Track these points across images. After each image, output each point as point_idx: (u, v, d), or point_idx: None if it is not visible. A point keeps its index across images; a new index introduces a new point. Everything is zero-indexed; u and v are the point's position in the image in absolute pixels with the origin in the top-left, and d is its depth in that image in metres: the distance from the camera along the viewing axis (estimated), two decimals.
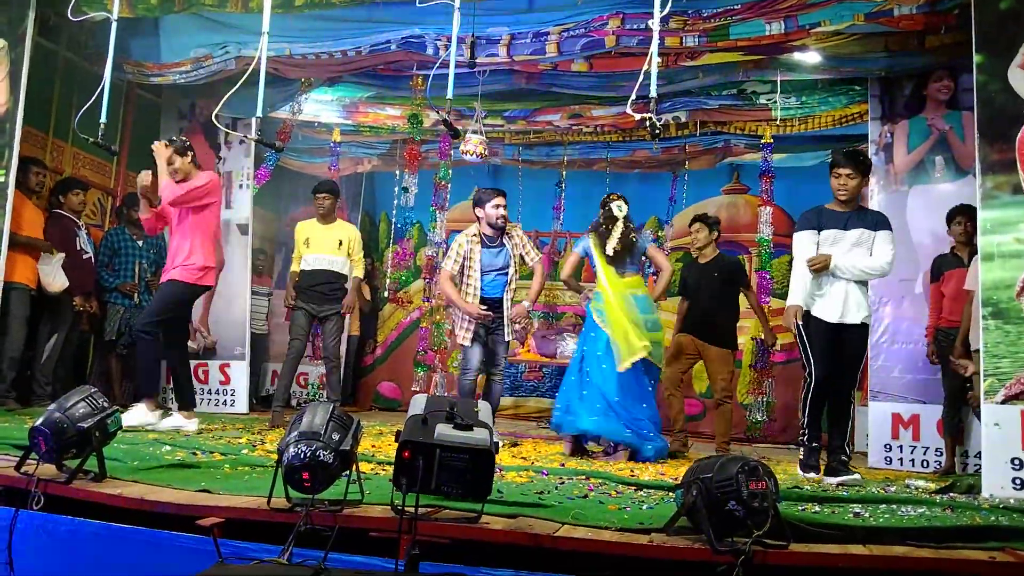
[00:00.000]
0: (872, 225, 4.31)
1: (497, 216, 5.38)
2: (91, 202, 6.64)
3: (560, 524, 2.61)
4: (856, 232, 4.29)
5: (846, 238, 4.30)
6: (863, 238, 4.29)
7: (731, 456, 2.50)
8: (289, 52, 5.86)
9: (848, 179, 4.30)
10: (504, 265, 5.50)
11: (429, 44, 5.55)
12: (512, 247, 5.54)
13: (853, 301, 4.27)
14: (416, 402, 2.64)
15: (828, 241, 4.33)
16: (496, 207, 5.38)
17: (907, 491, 3.84)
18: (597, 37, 5.30)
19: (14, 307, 5.56)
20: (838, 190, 4.34)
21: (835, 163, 4.37)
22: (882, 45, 5.45)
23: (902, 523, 2.77)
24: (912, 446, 5.33)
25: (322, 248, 5.96)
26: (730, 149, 7.74)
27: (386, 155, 8.57)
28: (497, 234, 5.47)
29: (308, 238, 6.01)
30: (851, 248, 4.28)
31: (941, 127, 5.58)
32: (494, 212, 5.37)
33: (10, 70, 5.54)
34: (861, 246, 4.29)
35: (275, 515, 2.61)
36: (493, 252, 5.50)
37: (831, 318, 4.27)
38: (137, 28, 6.04)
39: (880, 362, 5.53)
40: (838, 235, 4.31)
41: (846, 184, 4.30)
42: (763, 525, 2.30)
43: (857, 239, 4.29)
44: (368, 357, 9.20)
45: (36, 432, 2.90)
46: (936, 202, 5.51)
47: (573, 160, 8.21)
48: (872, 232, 4.29)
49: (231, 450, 4.06)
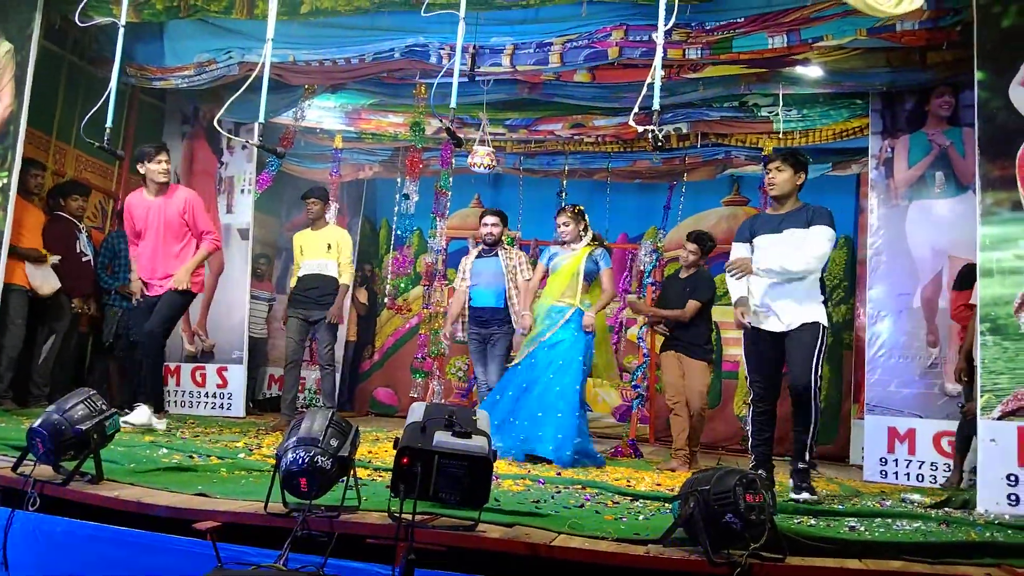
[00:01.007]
0: (805, 223, 3.96)
1: (486, 233, 5.76)
2: (92, 204, 6.65)
3: (557, 533, 2.61)
4: (788, 233, 3.97)
5: (779, 242, 3.98)
6: (797, 238, 3.95)
7: (729, 468, 2.50)
8: (293, 59, 5.89)
9: (777, 172, 4.03)
10: (495, 272, 5.64)
11: (433, 53, 5.57)
12: (506, 258, 5.70)
13: (791, 308, 3.93)
14: (415, 409, 2.65)
15: (761, 248, 4.05)
16: (485, 225, 5.78)
17: (903, 505, 3.84)
18: (600, 48, 5.32)
19: (12, 308, 5.56)
20: (768, 185, 4.11)
21: (767, 158, 4.18)
22: (884, 60, 5.48)
23: (897, 538, 2.78)
24: (908, 460, 5.32)
25: (312, 254, 6.02)
26: (731, 161, 7.76)
27: (387, 162, 8.60)
28: (491, 247, 5.76)
29: (302, 246, 6.08)
30: (786, 251, 3.94)
31: (942, 143, 5.60)
32: (483, 230, 5.79)
33: (15, 73, 5.56)
34: (796, 248, 3.93)
35: (272, 520, 2.62)
36: (485, 260, 5.74)
37: (774, 327, 3.99)
38: (142, 33, 6.06)
39: (877, 376, 5.53)
40: (771, 240, 4.02)
41: (774, 178, 4.04)
42: (760, 538, 2.30)
43: (790, 241, 3.95)
44: (365, 363, 9.20)
45: (34, 433, 2.90)
46: (936, 217, 5.53)
47: (574, 169, 8.23)
48: (805, 230, 3.94)
49: (228, 454, 4.06)
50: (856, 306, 7.49)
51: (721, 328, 8.13)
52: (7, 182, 5.47)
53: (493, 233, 5.74)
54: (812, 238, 3.92)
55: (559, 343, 5.25)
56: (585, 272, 5.37)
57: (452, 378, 8.79)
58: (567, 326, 5.28)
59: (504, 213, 5.94)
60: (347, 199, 8.90)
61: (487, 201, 9.23)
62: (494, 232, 5.75)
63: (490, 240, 5.73)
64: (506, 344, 5.62)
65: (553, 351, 5.24)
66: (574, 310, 5.31)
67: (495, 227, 5.77)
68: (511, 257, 5.77)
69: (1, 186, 5.48)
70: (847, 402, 7.52)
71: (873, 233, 5.72)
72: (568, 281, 5.36)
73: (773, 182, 4.05)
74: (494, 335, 5.62)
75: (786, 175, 4.02)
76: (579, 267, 5.36)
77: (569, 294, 5.33)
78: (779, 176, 4.03)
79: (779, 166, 4.04)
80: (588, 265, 5.38)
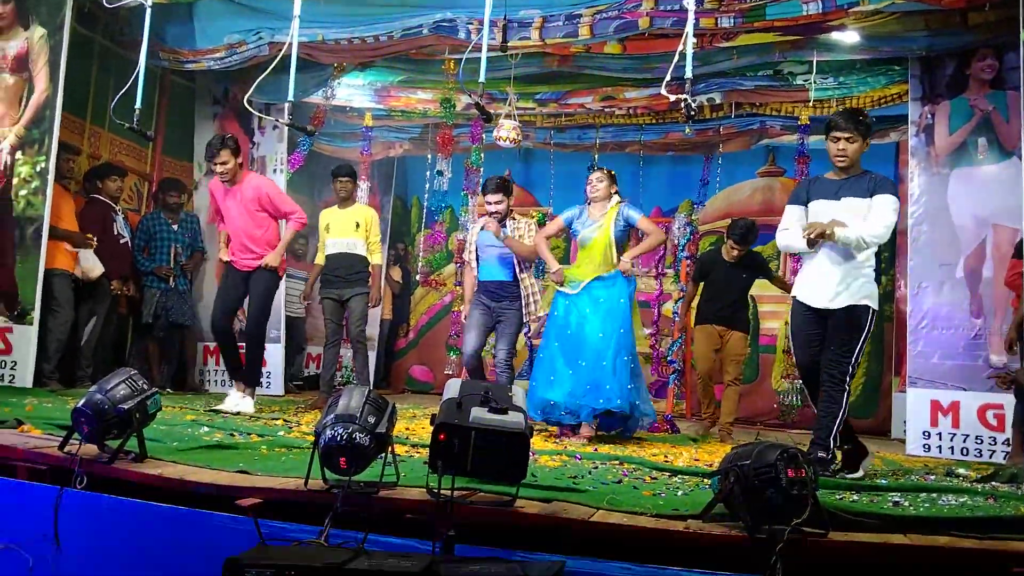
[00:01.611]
0: (867, 192, 3.71)
1: (492, 213, 5.29)
2: (128, 187, 6.74)
3: (595, 509, 2.60)
4: (847, 202, 3.72)
5: (837, 210, 3.73)
6: (855, 207, 3.70)
7: (769, 443, 2.46)
8: (321, 37, 5.88)
9: (848, 143, 3.73)
10: (502, 245, 5.27)
11: (461, 28, 5.52)
12: (513, 228, 5.30)
13: (842, 282, 3.70)
14: (451, 386, 2.64)
15: (816, 213, 3.79)
16: (488, 204, 5.31)
17: (947, 480, 3.77)
18: (631, 19, 5.23)
19: (58, 292, 5.68)
20: (836, 156, 3.78)
21: (832, 125, 3.78)
22: (922, 23, 5.32)
23: (943, 512, 2.73)
24: (952, 433, 5.23)
25: (340, 232, 6.01)
26: (765, 131, 7.64)
27: (417, 139, 8.59)
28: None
29: (328, 224, 6.07)
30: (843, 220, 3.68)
31: (984, 107, 5.44)
32: (488, 208, 5.32)
33: (49, 58, 5.63)
34: (857, 217, 3.68)
35: (312, 496, 2.64)
36: (490, 233, 5.31)
37: (816, 303, 3.78)
38: (171, 15, 6.09)
39: (919, 348, 5.44)
40: (828, 206, 3.76)
41: (845, 149, 3.73)
42: (802, 513, 2.27)
43: (849, 209, 3.71)
44: (400, 340, 9.26)
45: (78, 413, 2.95)
46: (978, 185, 5.39)
47: (605, 143, 8.15)
48: (866, 200, 3.70)
49: (268, 431, 4.12)
50: (896, 277, 7.36)
51: (759, 302, 8.05)
52: (45, 166, 5.56)
53: (499, 211, 5.28)
54: (879, 208, 3.66)
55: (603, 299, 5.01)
56: (616, 238, 5.06)
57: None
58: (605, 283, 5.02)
59: (508, 183, 5.46)
60: (378, 177, 8.92)
61: (518, 177, 9.18)
62: (499, 210, 5.28)
63: (498, 218, 5.29)
64: (516, 322, 5.31)
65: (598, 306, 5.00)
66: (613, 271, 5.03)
67: (499, 204, 5.28)
68: (518, 227, 5.34)
69: (39, 171, 5.58)
70: (888, 375, 7.42)
71: (914, 202, 5.59)
72: (602, 254, 5.06)
73: (844, 153, 3.74)
74: (505, 312, 5.31)
75: (857, 145, 3.74)
76: (610, 236, 5.05)
77: (608, 267, 5.05)
78: (850, 147, 3.74)
79: (850, 137, 3.72)
80: (617, 230, 5.07)
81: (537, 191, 9.12)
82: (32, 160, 5.60)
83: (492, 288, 5.33)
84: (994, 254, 5.26)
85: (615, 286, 5.01)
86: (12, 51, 5.72)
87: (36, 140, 5.61)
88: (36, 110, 5.64)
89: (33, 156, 5.60)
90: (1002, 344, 4.94)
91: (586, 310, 5.02)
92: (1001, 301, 5.20)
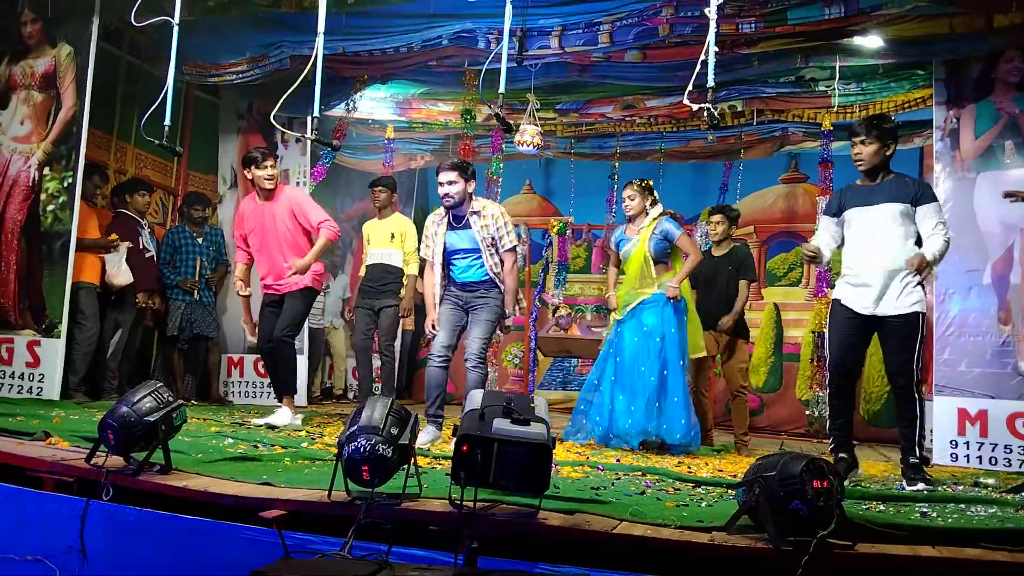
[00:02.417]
0: (908, 197, 3.76)
1: (442, 195, 4.69)
2: (154, 201, 6.83)
3: (619, 521, 2.58)
4: (883, 208, 3.78)
5: (871, 215, 3.80)
6: (893, 212, 3.76)
7: (795, 454, 2.44)
8: (343, 50, 5.93)
9: (862, 146, 3.81)
10: (471, 248, 4.72)
11: (480, 38, 5.55)
12: (480, 226, 4.69)
13: (891, 288, 3.76)
14: (473, 397, 2.65)
15: (850, 223, 3.87)
16: (440, 185, 4.70)
17: (976, 490, 3.71)
18: (650, 26, 5.24)
19: (84, 304, 5.76)
20: (855, 161, 3.88)
21: (850, 131, 3.93)
22: (947, 27, 5.26)
23: (972, 524, 2.68)
24: (980, 443, 5.15)
25: (377, 243, 6.02)
26: (788, 138, 7.59)
27: (439, 150, 8.62)
28: (459, 214, 4.74)
29: (369, 235, 6.10)
30: (883, 226, 3.77)
31: (1011, 111, 5.37)
32: (440, 191, 4.71)
33: (76, 75, 5.73)
34: (895, 222, 3.76)
35: (335, 508, 2.65)
36: (459, 234, 4.76)
37: (861, 308, 3.83)
38: (194, 30, 6.16)
39: (946, 355, 5.36)
40: (862, 214, 3.83)
41: (859, 152, 3.82)
42: (828, 524, 2.24)
43: (886, 215, 3.77)
44: (423, 351, 9.28)
45: (105, 426, 2.98)
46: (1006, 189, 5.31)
47: (626, 151, 8.14)
48: (908, 206, 3.75)
49: (291, 443, 4.13)
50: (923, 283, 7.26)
51: (782, 310, 8.00)
52: (72, 182, 5.65)
53: (450, 194, 4.62)
54: (931, 220, 3.73)
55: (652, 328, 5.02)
56: (654, 253, 5.08)
57: (508, 365, 8.83)
58: (653, 309, 5.05)
59: (465, 164, 4.76)
60: (400, 189, 8.94)
61: (538, 187, 9.20)
62: (451, 192, 4.62)
63: (448, 203, 4.67)
64: (494, 310, 4.70)
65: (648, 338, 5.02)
66: (654, 294, 5.07)
67: (450, 185, 4.62)
68: (486, 224, 4.68)
69: (67, 186, 5.67)
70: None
71: None
72: (639, 270, 5.12)
73: (860, 157, 3.83)
74: (479, 300, 4.74)
75: (872, 148, 3.80)
76: (646, 252, 5.10)
77: (647, 283, 5.09)
78: (865, 150, 3.81)
79: (864, 140, 3.80)
80: (655, 244, 5.08)
81: (557, 200, 9.12)
82: (59, 176, 5.69)
83: (468, 286, 4.78)
84: (1022, 259, 5.18)
85: (663, 312, 5.03)
86: (40, 69, 5.83)
87: (63, 156, 5.70)
88: (63, 126, 5.74)
89: (60, 172, 5.69)
90: None
91: (634, 338, 5.06)
92: None
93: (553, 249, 8.94)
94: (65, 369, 5.61)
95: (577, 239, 8.98)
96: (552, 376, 8.82)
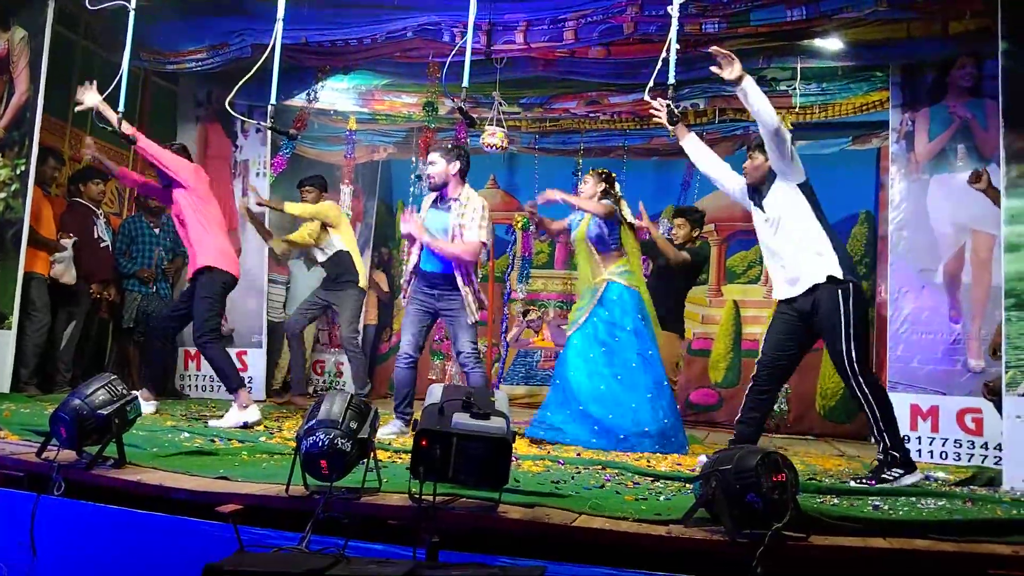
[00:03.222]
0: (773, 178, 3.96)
1: (426, 176, 4.78)
2: (110, 190, 6.68)
3: (578, 514, 2.60)
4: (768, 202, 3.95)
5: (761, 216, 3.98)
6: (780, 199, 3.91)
7: (750, 448, 2.48)
8: (305, 40, 5.85)
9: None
10: (443, 230, 4.67)
11: (445, 31, 5.51)
12: (458, 212, 4.64)
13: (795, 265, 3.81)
14: (433, 391, 2.64)
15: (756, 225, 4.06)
16: (427, 166, 4.77)
17: (926, 483, 3.80)
18: (615, 23, 5.25)
19: (35, 295, 5.62)
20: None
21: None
22: (904, 31, 5.38)
23: (922, 516, 2.75)
24: (931, 438, 5.27)
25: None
26: (749, 137, 7.65)
27: (402, 143, 8.55)
28: (444, 194, 4.74)
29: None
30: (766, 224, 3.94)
31: (963, 115, 5.50)
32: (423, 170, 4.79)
33: (30, 59, 5.58)
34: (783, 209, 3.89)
35: (293, 502, 2.63)
36: (437, 214, 4.71)
37: (780, 294, 3.93)
38: (154, 15, 6.04)
39: (899, 352, 5.48)
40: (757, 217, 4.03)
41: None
42: (782, 517, 2.28)
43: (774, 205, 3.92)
44: (383, 345, 9.22)
45: (56, 419, 2.92)
46: (957, 191, 5.43)
47: (590, 148, 8.15)
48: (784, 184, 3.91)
49: (248, 437, 4.09)
50: (877, 282, 7.41)
51: (741, 307, 8.09)
52: (25, 169, 5.50)
53: (431, 175, 4.65)
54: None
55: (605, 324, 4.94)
56: (593, 237, 5.00)
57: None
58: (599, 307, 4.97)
59: (449, 147, 4.81)
60: (362, 181, 8.88)
61: (502, 181, 9.18)
62: (431, 173, 4.64)
63: (430, 183, 4.68)
64: (467, 309, 4.67)
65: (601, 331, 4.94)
66: (605, 285, 4.99)
67: (431, 166, 4.63)
68: (463, 212, 4.63)
69: (19, 174, 5.52)
70: None
71: (894, 208, 5.64)
72: (583, 253, 5.09)
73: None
74: (447, 305, 4.69)
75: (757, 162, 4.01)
76: (585, 234, 5.04)
77: (594, 270, 5.04)
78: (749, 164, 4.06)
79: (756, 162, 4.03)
80: (592, 226, 5.01)
81: (521, 195, 9.12)
82: (12, 163, 5.55)
83: (432, 280, 4.73)
84: (973, 259, 5.31)
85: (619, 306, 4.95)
86: None
87: (16, 142, 5.55)
88: (16, 112, 5.59)
89: (12, 159, 5.55)
90: (980, 349, 5.00)
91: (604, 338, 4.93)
92: (979, 306, 5.26)
93: (517, 244, 8.94)
94: (16, 362, 5.46)
95: (541, 235, 9.00)
96: (515, 371, 8.83)
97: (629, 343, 4.91)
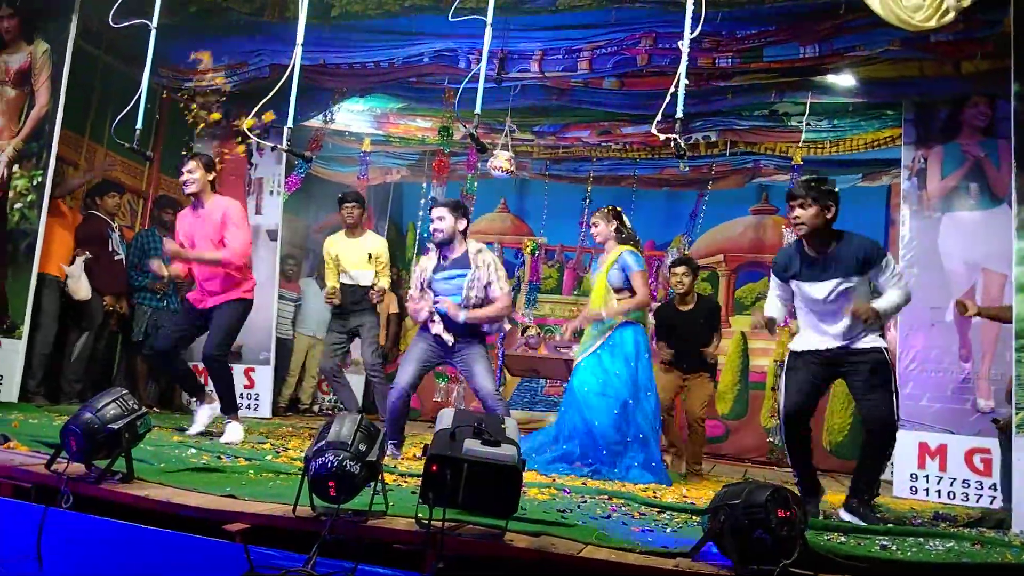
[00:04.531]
0: (856, 270, 3.59)
1: (433, 230, 4.68)
2: (123, 204, 6.74)
3: (584, 544, 2.59)
4: (836, 283, 3.61)
5: (822, 289, 3.63)
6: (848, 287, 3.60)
7: (760, 483, 2.47)
8: (323, 62, 5.93)
9: (800, 209, 3.58)
10: (456, 288, 4.60)
11: (461, 58, 5.58)
12: (473, 276, 4.59)
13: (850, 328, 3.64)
14: (444, 416, 2.65)
15: (800, 294, 3.74)
16: (431, 220, 4.69)
17: (934, 524, 3.77)
18: (629, 55, 5.31)
19: (46, 303, 5.66)
20: (794, 225, 3.66)
21: (788, 195, 3.66)
22: (917, 70, 5.43)
23: (930, 558, 2.73)
24: (939, 476, 5.24)
25: (352, 263, 5.86)
26: (759, 170, 7.71)
27: (415, 166, 8.63)
28: (447, 253, 4.70)
29: (337, 254, 5.91)
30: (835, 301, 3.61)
31: (976, 154, 5.52)
32: (431, 227, 4.70)
33: (51, 73, 5.66)
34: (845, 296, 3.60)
35: (300, 523, 2.62)
36: (445, 276, 4.66)
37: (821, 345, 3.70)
38: (174, 34, 6.13)
39: (908, 390, 5.45)
40: (812, 288, 3.66)
41: (799, 216, 3.59)
42: (790, 554, 2.27)
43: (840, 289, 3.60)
44: (389, 366, 9.22)
45: (67, 432, 2.93)
46: (969, 230, 5.45)
47: (600, 176, 8.21)
48: (859, 277, 3.61)
49: (255, 455, 4.09)
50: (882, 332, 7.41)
51: (749, 339, 8.09)
52: (42, 181, 5.56)
53: (440, 229, 4.61)
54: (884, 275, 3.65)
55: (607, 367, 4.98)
56: (614, 284, 5.03)
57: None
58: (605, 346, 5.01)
59: (457, 203, 4.79)
60: (374, 202, 8.95)
61: (513, 206, 9.25)
62: (440, 228, 4.60)
63: (437, 238, 4.64)
64: (484, 354, 4.63)
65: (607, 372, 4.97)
66: (614, 328, 5.02)
67: (440, 221, 4.60)
68: (484, 269, 4.60)
69: (36, 184, 5.58)
70: None
71: (905, 245, 5.65)
72: (601, 295, 5.07)
73: (799, 220, 3.58)
74: (464, 348, 4.62)
75: (811, 211, 3.55)
76: (606, 283, 5.06)
77: (607, 306, 5.02)
78: (804, 213, 3.56)
79: (801, 203, 3.56)
80: (614, 275, 5.03)
81: (531, 220, 9.17)
82: (29, 174, 5.61)
83: (448, 323, 4.61)
84: (983, 298, 5.30)
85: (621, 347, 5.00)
86: (15, 65, 5.75)
87: (34, 154, 5.62)
88: (35, 124, 5.66)
89: (30, 170, 5.61)
90: (990, 388, 4.99)
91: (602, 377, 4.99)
92: (989, 345, 5.24)
93: (525, 268, 8.97)
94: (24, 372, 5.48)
95: (549, 260, 9.03)
96: (520, 396, 8.82)
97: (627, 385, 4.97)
